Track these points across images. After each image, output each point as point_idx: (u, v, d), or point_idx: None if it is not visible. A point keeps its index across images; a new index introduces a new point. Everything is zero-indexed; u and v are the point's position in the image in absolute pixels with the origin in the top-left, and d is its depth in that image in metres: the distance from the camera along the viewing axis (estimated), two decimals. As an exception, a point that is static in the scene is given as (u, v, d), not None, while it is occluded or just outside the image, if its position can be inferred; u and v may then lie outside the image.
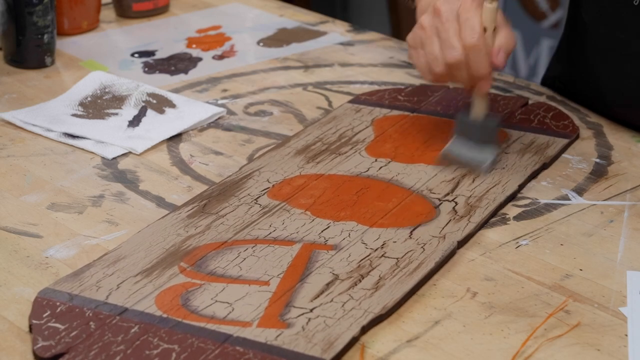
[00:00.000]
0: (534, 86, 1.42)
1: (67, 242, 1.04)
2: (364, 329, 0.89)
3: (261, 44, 1.55)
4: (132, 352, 0.85)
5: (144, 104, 1.32)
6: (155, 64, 1.47)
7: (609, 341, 0.90)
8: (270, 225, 1.04)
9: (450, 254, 1.01)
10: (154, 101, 1.33)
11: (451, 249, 1.01)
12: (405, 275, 0.96)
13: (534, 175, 1.16)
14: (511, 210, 1.10)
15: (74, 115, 1.29)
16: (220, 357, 0.85)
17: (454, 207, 1.08)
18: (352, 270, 0.97)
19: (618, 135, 1.27)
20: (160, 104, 1.32)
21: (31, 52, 1.43)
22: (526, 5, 2.87)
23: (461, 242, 1.03)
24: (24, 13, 1.40)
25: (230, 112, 1.33)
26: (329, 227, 1.04)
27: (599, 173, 1.18)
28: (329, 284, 0.95)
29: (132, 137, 1.24)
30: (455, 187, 1.12)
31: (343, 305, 0.91)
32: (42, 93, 1.37)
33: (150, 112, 1.30)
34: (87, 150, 1.22)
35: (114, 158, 1.21)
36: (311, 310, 0.91)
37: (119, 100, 1.33)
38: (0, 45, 1.46)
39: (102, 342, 0.86)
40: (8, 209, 1.09)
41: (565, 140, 1.23)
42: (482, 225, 1.06)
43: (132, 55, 1.50)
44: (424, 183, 1.13)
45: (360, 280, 0.95)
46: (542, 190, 1.14)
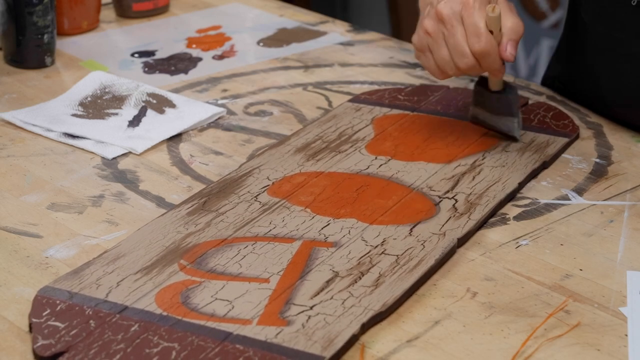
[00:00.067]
0: (534, 86, 1.41)
1: (67, 242, 1.03)
2: (364, 327, 0.89)
3: (261, 44, 1.55)
4: (132, 350, 0.85)
5: (144, 104, 1.32)
6: (155, 64, 1.47)
7: (609, 341, 0.90)
8: (270, 223, 1.04)
9: (451, 252, 1.01)
10: (154, 101, 1.33)
11: (451, 246, 1.01)
12: (405, 273, 0.96)
13: (534, 175, 1.16)
14: (511, 210, 1.10)
15: (74, 115, 1.29)
16: (220, 355, 0.85)
17: (454, 205, 1.08)
18: (352, 268, 0.97)
19: (618, 135, 1.27)
20: (160, 104, 1.32)
21: (31, 52, 1.43)
22: (526, 5, 2.87)
23: (461, 240, 1.02)
24: (24, 13, 1.40)
25: (230, 112, 1.33)
26: (329, 224, 1.04)
27: (599, 173, 1.18)
28: (329, 281, 0.94)
29: (132, 137, 1.24)
30: (456, 184, 1.12)
31: (343, 303, 0.91)
32: (42, 93, 1.37)
33: (150, 112, 1.30)
34: (87, 150, 1.22)
35: (114, 158, 1.20)
36: (311, 308, 0.91)
37: (119, 100, 1.33)
38: (0, 45, 1.46)
39: (102, 341, 0.86)
40: (8, 209, 1.09)
41: (565, 140, 1.23)
42: (483, 223, 1.06)
43: (132, 55, 1.50)
44: (424, 180, 1.12)
45: (360, 278, 0.95)
46: (542, 190, 1.14)
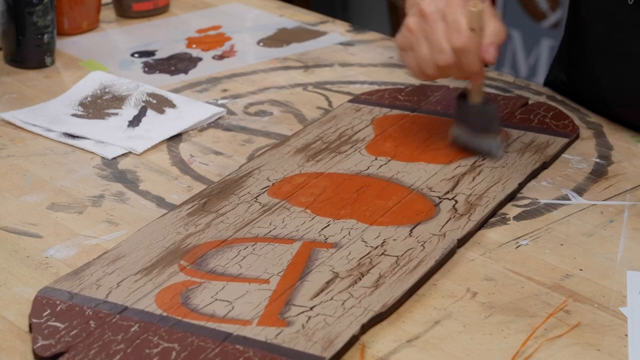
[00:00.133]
0: (534, 86, 1.41)
1: (67, 242, 1.03)
2: (364, 327, 0.89)
3: (261, 44, 1.55)
4: (132, 351, 0.85)
5: (144, 104, 1.32)
6: (155, 64, 1.47)
7: (609, 341, 0.90)
8: (270, 224, 1.04)
9: (451, 252, 1.01)
10: (154, 101, 1.33)
11: (451, 247, 1.01)
12: (405, 274, 0.96)
13: (534, 175, 1.16)
14: (511, 210, 1.10)
15: (74, 115, 1.29)
16: (220, 356, 0.85)
17: (454, 206, 1.08)
18: (352, 269, 0.97)
19: (618, 135, 1.27)
20: (160, 104, 1.32)
21: (31, 52, 1.43)
22: (526, 5, 2.87)
23: (461, 241, 1.02)
24: (24, 13, 1.40)
25: (230, 112, 1.33)
26: (329, 225, 1.04)
27: (599, 173, 1.18)
28: (329, 282, 0.94)
29: (132, 137, 1.24)
30: (456, 185, 1.12)
31: (343, 304, 0.91)
32: (42, 93, 1.37)
33: (150, 112, 1.30)
34: (87, 150, 1.22)
35: (114, 158, 1.20)
36: (311, 309, 0.91)
37: (119, 100, 1.33)
38: (0, 45, 1.46)
39: (102, 341, 0.86)
40: (8, 209, 1.09)
41: (565, 140, 1.23)
42: (482, 224, 1.06)
43: (132, 55, 1.50)
44: (424, 181, 1.12)
45: (360, 279, 0.95)
46: (542, 190, 1.14)
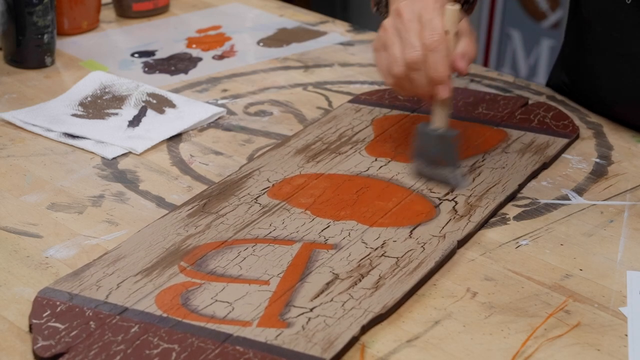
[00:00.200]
0: (534, 86, 1.41)
1: (67, 242, 1.03)
2: (364, 329, 0.89)
3: (261, 44, 1.55)
4: (132, 351, 0.85)
5: (144, 104, 1.32)
6: (155, 64, 1.47)
7: (609, 341, 0.90)
8: (270, 225, 1.04)
9: (450, 254, 1.01)
10: (154, 101, 1.33)
11: (451, 249, 1.01)
12: (405, 275, 0.96)
13: (534, 175, 1.16)
14: (511, 210, 1.10)
15: (74, 115, 1.29)
16: (220, 357, 0.85)
17: (454, 207, 1.08)
18: (352, 270, 0.97)
19: (618, 135, 1.27)
20: (160, 104, 1.32)
21: (31, 52, 1.43)
22: (526, 5, 2.87)
23: (461, 242, 1.02)
24: (24, 13, 1.40)
25: (230, 112, 1.33)
26: (329, 226, 1.04)
27: (599, 173, 1.18)
28: (329, 284, 0.94)
29: (132, 137, 1.24)
30: (456, 186, 1.12)
31: (343, 305, 0.91)
32: (42, 93, 1.37)
33: (150, 112, 1.30)
34: (87, 150, 1.22)
35: (114, 158, 1.20)
36: (311, 310, 0.91)
37: (119, 100, 1.33)
38: (0, 45, 1.46)
39: (102, 342, 0.86)
40: (8, 209, 1.09)
41: (565, 140, 1.23)
42: (482, 225, 1.06)
43: (132, 55, 1.50)
44: (424, 182, 1.12)
45: (360, 280, 0.95)
46: (542, 190, 1.14)
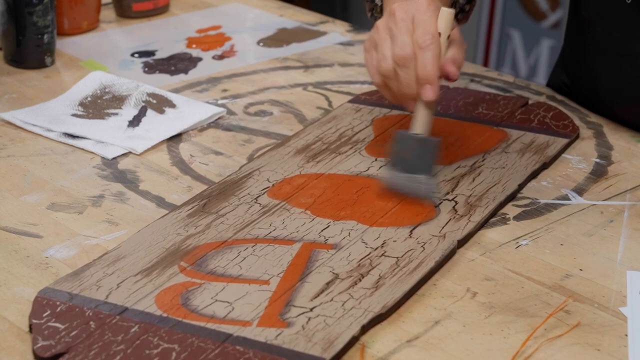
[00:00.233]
0: (534, 86, 1.41)
1: (67, 242, 1.03)
2: (364, 328, 0.89)
3: (261, 44, 1.55)
4: (132, 351, 0.85)
5: (144, 104, 1.32)
6: (155, 64, 1.47)
7: (609, 341, 0.90)
8: (270, 225, 1.04)
9: (450, 253, 1.01)
10: (154, 101, 1.33)
11: (451, 248, 1.01)
12: (405, 275, 0.96)
13: (534, 175, 1.16)
14: (511, 210, 1.10)
15: (74, 115, 1.29)
16: (220, 357, 0.85)
17: (454, 207, 1.08)
18: (352, 270, 0.97)
19: (618, 135, 1.27)
20: (160, 104, 1.32)
21: (31, 52, 1.43)
22: (526, 5, 2.87)
23: (461, 242, 1.02)
24: (24, 13, 1.40)
25: (230, 112, 1.33)
26: (329, 226, 1.04)
27: (599, 173, 1.18)
28: (329, 283, 0.94)
29: (132, 137, 1.24)
30: (455, 186, 1.12)
31: (343, 305, 0.91)
32: (42, 93, 1.37)
33: (150, 112, 1.30)
34: (87, 150, 1.22)
35: (114, 158, 1.20)
36: (311, 310, 0.91)
37: (119, 100, 1.33)
38: (0, 45, 1.46)
39: (102, 342, 0.86)
40: (8, 209, 1.09)
41: (565, 140, 1.23)
42: (482, 225, 1.06)
43: (132, 55, 1.50)
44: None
45: (360, 280, 0.95)
46: (542, 190, 1.14)
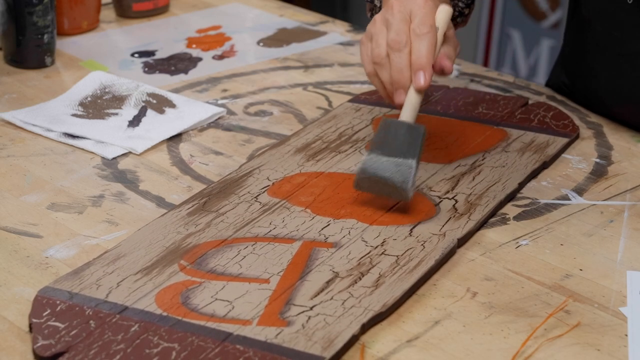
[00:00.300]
0: (534, 86, 1.41)
1: (67, 242, 1.03)
2: (364, 327, 0.89)
3: (261, 44, 1.55)
4: (132, 350, 0.85)
5: (144, 104, 1.32)
6: (155, 64, 1.47)
7: (609, 341, 0.90)
8: (270, 223, 1.04)
9: (451, 252, 1.01)
10: (154, 101, 1.33)
11: (451, 247, 1.01)
12: (405, 273, 0.96)
13: (534, 175, 1.16)
14: (511, 210, 1.10)
15: (74, 115, 1.29)
16: (220, 356, 0.85)
17: (454, 205, 1.08)
18: (352, 268, 0.97)
19: (618, 135, 1.27)
20: (160, 104, 1.32)
21: (31, 52, 1.43)
22: (526, 5, 2.87)
23: (461, 240, 1.02)
24: (24, 13, 1.40)
25: (230, 112, 1.33)
26: (329, 224, 1.04)
27: (599, 173, 1.18)
28: (329, 282, 0.94)
29: (132, 137, 1.24)
30: (455, 185, 1.12)
31: (343, 303, 0.91)
32: (42, 93, 1.37)
33: (150, 112, 1.30)
34: (87, 150, 1.22)
35: (114, 158, 1.20)
36: (311, 308, 0.91)
37: (119, 100, 1.33)
38: (0, 45, 1.46)
39: (102, 341, 0.86)
40: (8, 209, 1.09)
41: (565, 140, 1.23)
42: (483, 223, 1.06)
43: (132, 55, 1.50)
44: (424, 181, 1.12)
45: (361, 278, 0.95)
46: (542, 190, 1.14)
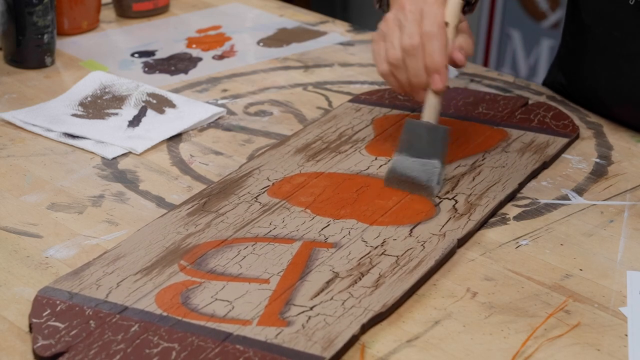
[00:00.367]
0: (534, 86, 1.41)
1: (67, 242, 1.03)
2: (364, 327, 0.89)
3: (261, 44, 1.55)
4: (132, 350, 0.85)
5: (144, 104, 1.32)
6: (155, 64, 1.47)
7: (609, 341, 0.90)
8: (270, 223, 1.04)
9: (451, 252, 1.01)
10: (154, 101, 1.33)
11: (451, 247, 1.01)
12: (405, 273, 0.96)
13: (534, 175, 1.16)
14: (511, 210, 1.10)
15: (74, 115, 1.29)
16: (220, 356, 0.85)
17: (454, 205, 1.08)
18: (352, 268, 0.97)
19: (618, 135, 1.27)
20: (160, 104, 1.32)
21: (31, 52, 1.43)
22: (526, 5, 2.87)
23: (461, 240, 1.02)
24: (24, 13, 1.40)
25: (230, 112, 1.33)
26: (329, 225, 1.04)
27: (599, 173, 1.18)
28: (329, 282, 0.94)
29: (132, 137, 1.24)
30: (456, 185, 1.12)
31: (343, 304, 0.91)
32: (42, 93, 1.37)
33: (150, 112, 1.30)
34: (87, 150, 1.22)
35: (114, 158, 1.20)
36: (311, 309, 0.91)
37: (119, 100, 1.33)
38: (0, 45, 1.46)
39: (102, 341, 0.86)
40: (8, 209, 1.09)
41: (565, 140, 1.23)
42: (483, 224, 1.06)
43: (132, 55, 1.50)
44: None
45: (360, 278, 0.95)
46: (542, 190, 1.14)
